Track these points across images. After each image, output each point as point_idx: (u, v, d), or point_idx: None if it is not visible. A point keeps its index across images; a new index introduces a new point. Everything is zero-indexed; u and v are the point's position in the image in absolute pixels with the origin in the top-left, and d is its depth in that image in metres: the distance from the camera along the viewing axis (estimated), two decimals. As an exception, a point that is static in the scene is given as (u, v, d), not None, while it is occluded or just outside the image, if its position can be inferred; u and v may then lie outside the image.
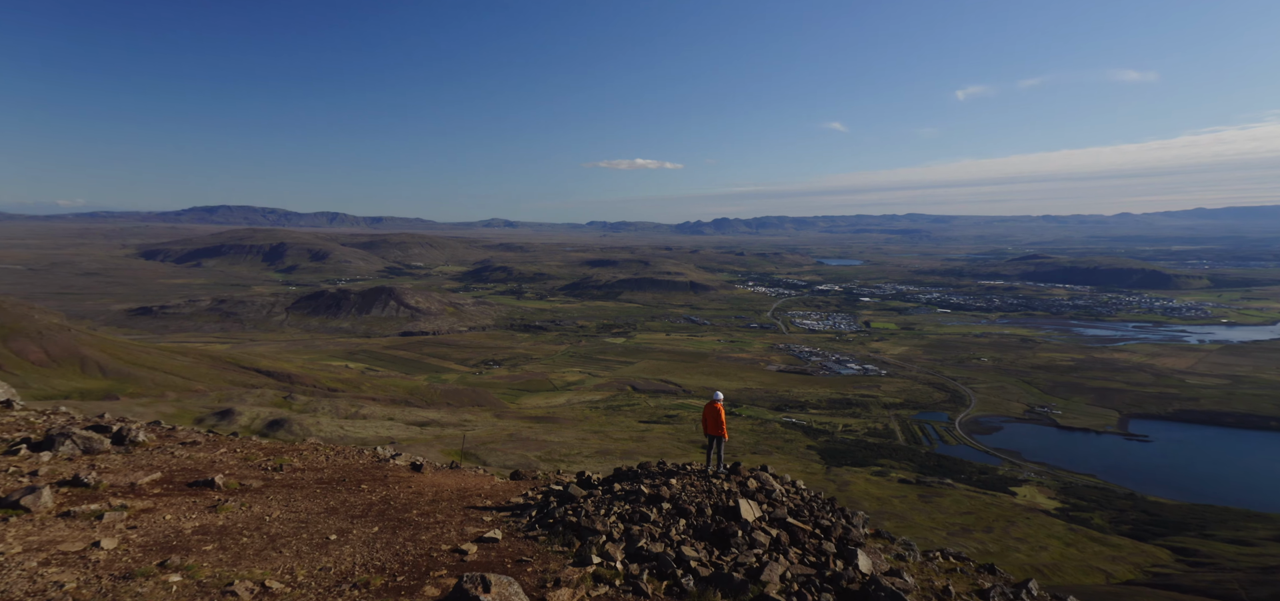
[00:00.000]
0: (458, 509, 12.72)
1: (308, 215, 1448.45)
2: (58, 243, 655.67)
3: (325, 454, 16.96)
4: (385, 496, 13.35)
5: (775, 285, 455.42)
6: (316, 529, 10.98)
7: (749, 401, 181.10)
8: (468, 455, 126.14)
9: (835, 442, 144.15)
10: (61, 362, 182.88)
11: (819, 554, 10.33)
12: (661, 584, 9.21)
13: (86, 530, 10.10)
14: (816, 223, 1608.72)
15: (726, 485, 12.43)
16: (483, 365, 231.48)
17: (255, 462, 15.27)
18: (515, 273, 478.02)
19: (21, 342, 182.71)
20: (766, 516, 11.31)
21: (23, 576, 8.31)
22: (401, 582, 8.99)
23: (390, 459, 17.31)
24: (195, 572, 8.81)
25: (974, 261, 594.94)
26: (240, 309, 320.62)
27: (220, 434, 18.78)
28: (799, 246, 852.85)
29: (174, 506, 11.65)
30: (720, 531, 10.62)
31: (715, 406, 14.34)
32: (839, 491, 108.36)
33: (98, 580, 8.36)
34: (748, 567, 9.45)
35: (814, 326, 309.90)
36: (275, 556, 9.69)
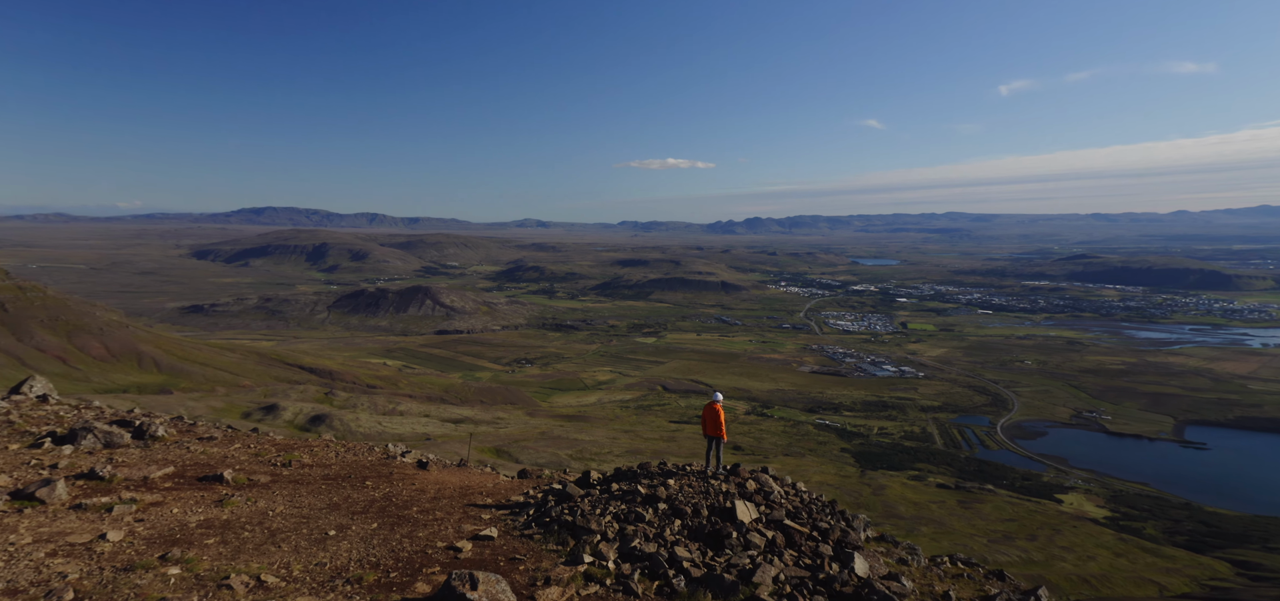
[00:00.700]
0: (457, 506, 12.70)
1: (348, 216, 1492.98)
2: (117, 243, 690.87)
3: (336, 450, 17.12)
4: (388, 493, 13.40)
5: (808, 285, 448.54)
6: (317, 524, 11.06)
7: (781, 403, 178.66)
8: (501, 452, 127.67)
9: (870, 445, 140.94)
10: (121, 358, 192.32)
11: (815, 556, 10.21)
12: (653, 584, 9.15)
13: (95, 522, 10.32)
14: (851, 222, 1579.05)
15: (724, 486, 12.34)
16: (515, 364, 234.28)
17: (266, 458, 15.46)
18: (547, 272, 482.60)
19: (84, 339, 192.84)
20: (763, 518, 11.18)
21: (29, 566, 8.51)
22: (394, 578, 9.03)
23: (399, 456, 17.41)
24: (194, 566, 8.94)
25: (1017, 261, 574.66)
26: (285, 307, 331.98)
27: (238, 429, 19.15)
28: (833, 246, 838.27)
29: (182, 500, 11.85)
30: (715, 532, 10.54)
31: (714, 407, 14.35)
32: (874, 495, 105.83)
33: (100, 571, 8.51)
34: (741, 569, 9.36)
35: (848, 327, 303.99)
36: (274, 551, 9.78)
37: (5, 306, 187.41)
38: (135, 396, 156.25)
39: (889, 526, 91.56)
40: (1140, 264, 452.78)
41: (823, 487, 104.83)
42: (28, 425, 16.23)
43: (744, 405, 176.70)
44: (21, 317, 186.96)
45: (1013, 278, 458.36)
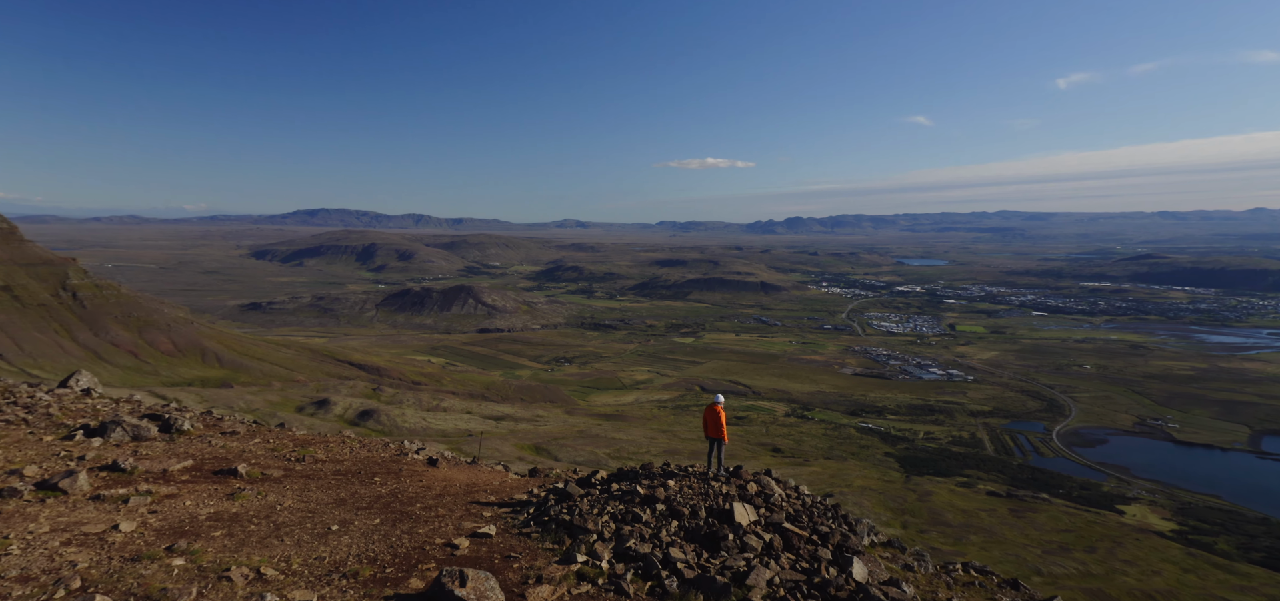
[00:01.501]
0: (460, 504, 12.76)
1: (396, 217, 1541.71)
2: (184, 243, 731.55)
3: (351, 446, 17.28)
4: (394, 490, 13.50)
5: (851, 286, 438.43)
6: (321, 519, 11.19)
7: (822, 405, 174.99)
8: (540, 450, 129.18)
9: (915, 450, 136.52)
10: (186, 353, 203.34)
11: (813, 560, 10.13)
12: (645, 584, 9.10)
13: (111, 513, 10.63)
14: (897, 221, 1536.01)
15: (724, 488, 12.32)
16: (554, 362, 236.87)
17: (282, 454, 15.71)
18: (586, 272, 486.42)
19: (154, 334, 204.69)
20: (762, 521, 11.10)
21: (43, 554, 8.82)
22: (389, 574, 9.13)
23: (413, 453, 17.61)
24: (198, 557, 9.13)
25: (1076, 261, 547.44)
26: (336, 305, 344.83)
27: (263, 425, 19.65)
28: (877, 246, 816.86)
29: (196, 493, 12.11)
30: (711, 534, 10.48)
31: (715, 409, 14.42)
32: (919, 502, 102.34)
33: (108, 560, 8.79)
34: (734, 571, 9.32)
35: (893, 329, 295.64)
36: (277, 544, 9.93)
37: (84, 303, 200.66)
38: (199, 389, 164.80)
39: (935, 534, 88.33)
40: (1212, 264, 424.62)
41: (865, 493, 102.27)
42: (65, 417, 16.83)
43: (784, 407, 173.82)
44: (98, 314, 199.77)
45: (1070, 278, 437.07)
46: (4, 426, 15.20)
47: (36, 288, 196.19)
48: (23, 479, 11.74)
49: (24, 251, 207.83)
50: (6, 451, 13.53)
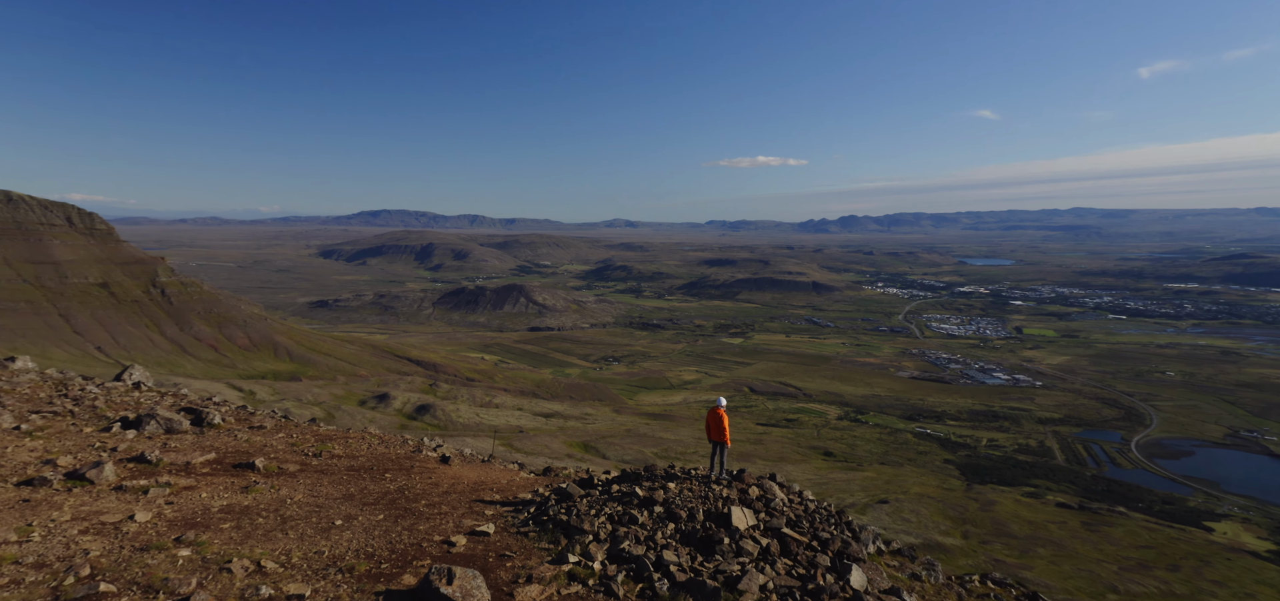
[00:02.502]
0: (464, 502, 12.80)
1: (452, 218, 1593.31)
2: (259, 243, 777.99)
3: (370, 443, 17.45)
4: (403, 486, 13.59)
5: (909, 286, 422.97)
6: (327, 514, 11.34)
7: (877, 409, 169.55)
8: (588, 448, 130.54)
9: (977, 457, 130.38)
10: (260, 347, 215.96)
11: (810, 566, 10.00)
12: (636, 586, 9.09)
13: (130, 503, 10.93)
14: (959, 219, 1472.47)
15: (725, 492, 12.25)
16: (603, 361, 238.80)
17: (302, 448, 15.89)
18: (635, 272, 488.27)
19: (232, 329, 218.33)
20: (761, 525, 11.08)
21: (61, 542, 9.14)
22: (384, 569, 9.23)
23: (428, 450, 17.67)
24: (204, 549, 9.36)
25: (1158, 261, 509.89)
26: (396, 303, 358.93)
27: (291, 419, 19.99)
28: (937, 245, 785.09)
29: (213, 485, 12.40)
30: (707, 537, 10.47)
31: (718, 412, 14.09)
32: (981, 511, 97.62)
33: (119, 549, 9.07)
34: (728, 575, 9.28)
35: (954, 331, 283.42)
36: (281, 537, 10.09)
37: (171, 299, 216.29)
38: (272, 382, 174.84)
39: (999, 546, 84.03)
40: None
41: (923, 500, 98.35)
42: (108, 409, 17.34)
43: (836, 410, 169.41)
44: (183, 309, 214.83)
45: (1152, 279, 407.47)
46: (52, 417, 15.85)
47: (130, 284, 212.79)
48: (56, 468, 12.19)
49: (120, 251, 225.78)
50: (47, 442, 14.10)
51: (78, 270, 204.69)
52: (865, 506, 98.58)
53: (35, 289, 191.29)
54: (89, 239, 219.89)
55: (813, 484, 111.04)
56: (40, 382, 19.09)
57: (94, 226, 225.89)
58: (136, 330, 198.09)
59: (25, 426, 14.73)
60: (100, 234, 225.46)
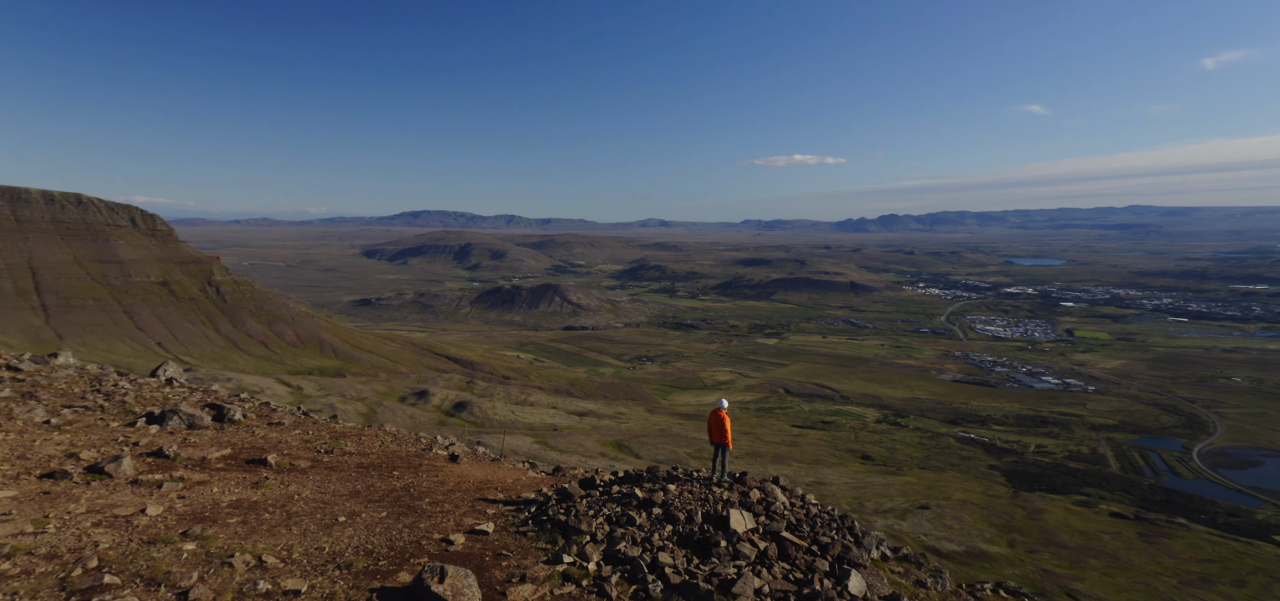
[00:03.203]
0: (468, 501, 12.85)
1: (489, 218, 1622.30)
2: (307, 243, 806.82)
3: (382, 440, 17.61)
4: (409, 484, 13.68)
5: (951, 287, 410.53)
6: (331, 510, 11.47)
7: (917, 412, 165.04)
8: (622, 447, 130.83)
9: (1024, 464, 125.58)
10: (307, 344, 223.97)
11: (808, 571, 10.00)
12: (630, 588, 9.14)
13: (143, 497, 11.14)
14: (1006, 218, 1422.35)
15: (725, 494, 12.27)
16: (636, 361, 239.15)
17: (315, 445, 16.08)
18: (669, 271, 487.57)
19: (281, 326, 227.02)
20: (760, 529, 11.08)
21: (73, 534, 9.35)
22: (382, 566, 9.31)
23: (442, 448, 17.74)
24: (209, 543, 9.52)
25: (1224, 261, 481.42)
26: (435, 302, 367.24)
27: (311, 415, 20.11)
28: (982, 244, 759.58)
29: (225, 480, 12.59)
30: (704, 540, 10.47)
31: (719, 414, 13.98)
32: (1029, 520, 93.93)
33: (128, 542, 9.26)
34: (722, 578, 9.31)
35: (999, 333, 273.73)
36: (284, 533, 10.23)
37: (225, 297, 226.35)
38: (318, 378, 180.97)
39: (1048, 555, 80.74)
40: None
41: (965, 507, 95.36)
42: (137, 405, 17.69)
43: (874, 413, 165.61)
44: (236, 307, 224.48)
45: (1217, 280, 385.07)
46: (83, 412, 16.33)
47: (188, 283, 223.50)
48: (78, 462, 12.46)
49: (178, 251, 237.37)
50: (74, 435, 14.47)
51: (140, 269, 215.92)
52: (905, 511, 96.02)
53: (102, 287, 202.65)
54: (150, 239, 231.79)
55: (850, 487, 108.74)
56: (76, 378, 19.79)
57: (155, 227, 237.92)
58: (193, 327, 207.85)
59: (55, 420, 15.17)
60: (161, 234, 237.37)
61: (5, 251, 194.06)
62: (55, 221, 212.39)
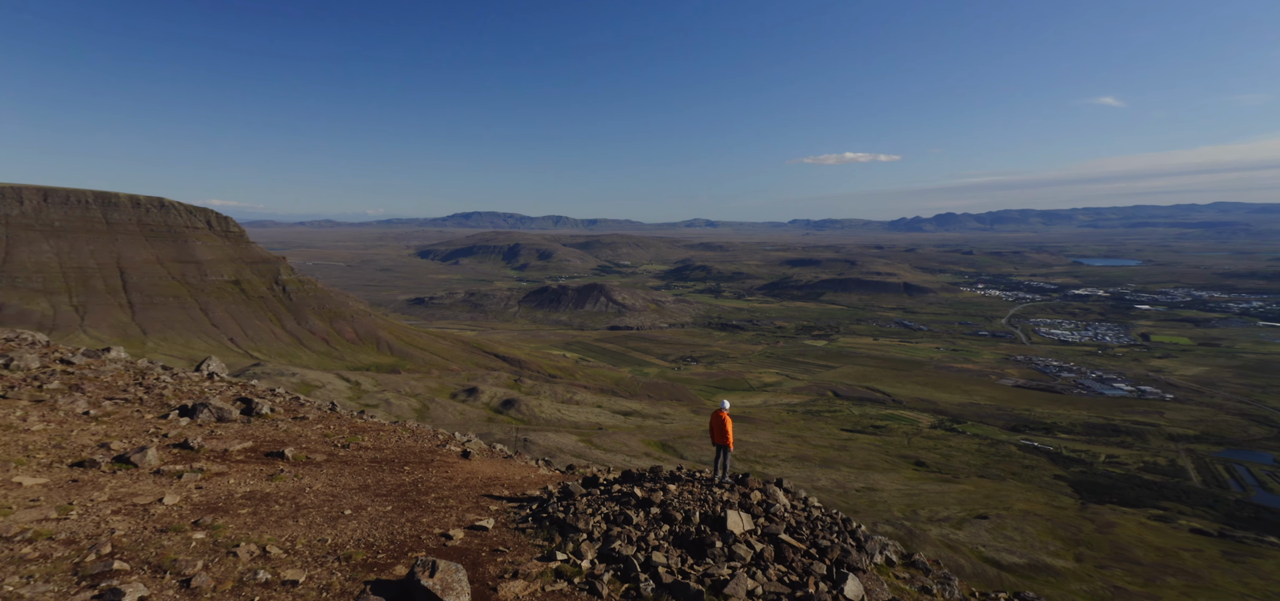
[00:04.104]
0: (473, 497, 12.91)
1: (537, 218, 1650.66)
2: (365, 244, 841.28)
3: (399, 436, 17.81)
4: (418, 479, 13.80)
5: (1014, 288, 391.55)
6: (339, 504, 11.63)
7: (975, 418, 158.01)
8: (666, 446, 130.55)
9: (1093, 475, 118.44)
10: (365, 341, 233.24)
11: (804, 573, 9.97)
12: (622, 586, 9.19)
13: (162, 487, 11.43)
14: (1074, 216, 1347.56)
15: (725, 495, 12.32)
16: (681, 361, 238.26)
17: (334, 439, 16.33)
18: (714, 272, 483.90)
19: (341, 324, 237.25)
20: (758, 530, 11.10)
21: (93, 521, 9.65)
22: (380, 559, 9.41)
23: (452, 445, 17.79)
24: (218, 533, 9.73)
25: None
26: (485, 301, 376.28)
27: (337, 411, 20.40)
28: (1048, 243, 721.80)
29: (242, 472, 12.87)
30: (700, 540, 10.49)
31: (721, 415, 14.04)
32: (1098, 533, 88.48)
33: (142, 530, 9.54)
34: (715, 579, 9.33)
35: (1066, 337, 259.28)
36: (291, 525, 10.39)
37: (290, 296, 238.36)
38: (374, 374, 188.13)
39: (1120, 571, 75.81)
40: None
41: (1028, 518, 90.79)
42: (173, 398, 18.24)
43: (929, 418, 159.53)
44: (300, 305, 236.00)
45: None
46: (122, 404, 16.96)
47: (257, 282, 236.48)
48: (108, 451, 12.90)
49: (249, 251, 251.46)
50: (109, 426, 15.01)
51: (215, 268, 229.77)
52: (961, 521, 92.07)
53: (181, 285, 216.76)
54: (224, 240, 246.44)
55: (902, 495, 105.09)
56: (122, 372, 20.55)
57: (228, 229, 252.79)
58: (262, 323, 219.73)
59: (94, 411, 15.79)
60: (233, 236, 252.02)
61: (98, 252, 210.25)
62: (140, 224, 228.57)
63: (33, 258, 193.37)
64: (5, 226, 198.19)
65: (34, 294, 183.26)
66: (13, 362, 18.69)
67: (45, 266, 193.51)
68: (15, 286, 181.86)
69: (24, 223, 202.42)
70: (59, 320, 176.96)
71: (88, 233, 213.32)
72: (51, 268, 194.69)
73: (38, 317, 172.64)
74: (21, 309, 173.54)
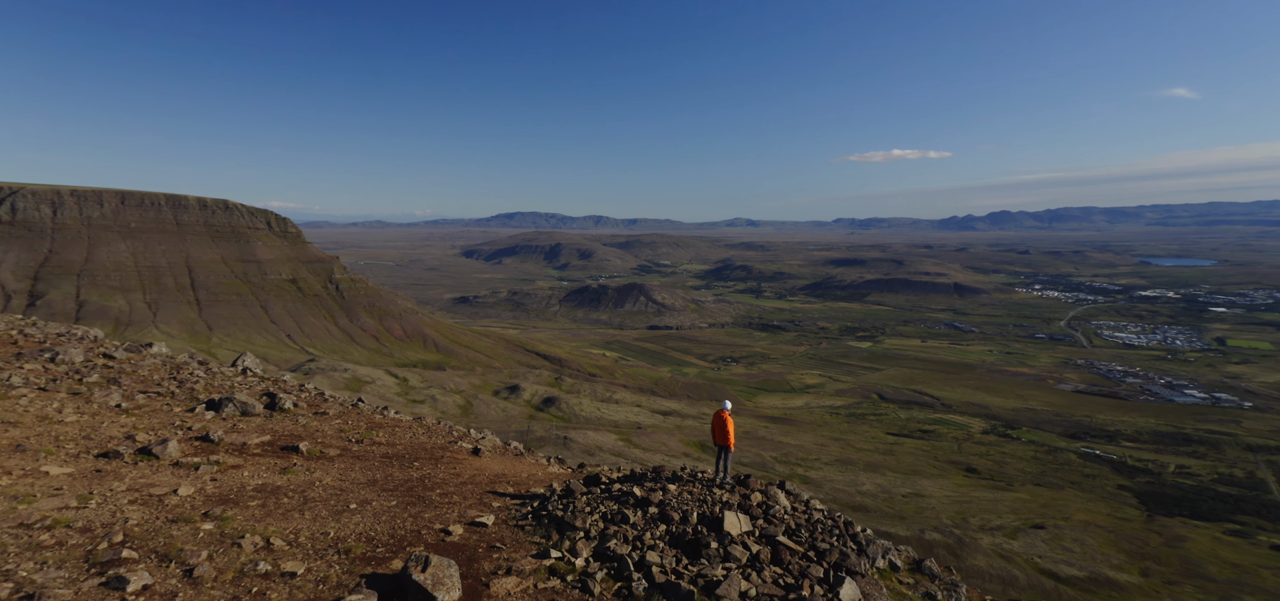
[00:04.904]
0: (478, 493, 12.93)
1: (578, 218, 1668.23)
2: (413, 244, 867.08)
3: (413, 432, 17.88)
4: (426, 475, 13.85)
5: (1074, 289, 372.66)
6: (346, 498, 11.75)
7: (1031, 424, 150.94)
8: (705, 446, 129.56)
9: (1161, 486, 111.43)
10: (412, 339, 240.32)
11: (800, 576, 9.95)
12: (614, 585, 9.24)
13: (179, 479, 11.68)
14: (1141, 213, 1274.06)
15: (724, 496, 12.31)
16: (721, 361, 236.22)
17: (349, 434, 16.54)
18: (755, 271, 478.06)
19: (390, 322, 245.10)
20: (757, 532, 11.12)
21: (109, 510, 9.90)
22: (379, 553, 9.52)
23: (462, 441, 17.74)
24: (226, 524, 9.89)
25: None
26: (527, 300, 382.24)
27: (359, 406, 20.67)
28: (1112, 242, 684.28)
29: (257, 465, 13.06)
30: (696, 541, 10.53)
31: (722, 416, 13.96)
32: (1167, 547, 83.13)
33: (155, 519, 9.75)
34: (708, 580, 9.39)
35: (1131, 340, 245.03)
36: (297, 518, 10.53)
37: (343, 294, 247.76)
38: (422, 371, 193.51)
39: (1190, 589, 71.05)
40: None
41: (1089, 529, 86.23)
42: (203, 392, 18.68)
43: (980, 423, 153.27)
44: (352, 303, 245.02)
45: None
46: (154, 398, 17.47)
47: (313, 281, 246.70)
48: (133, 443, 13.27)
49: (305, 251, 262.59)
50: (138, 419, 15.46)
51: (274, 268, 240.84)
52: (1016, 530, 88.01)
53: (243, 284, 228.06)
54: (283, 241, 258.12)
55: (951, 501, 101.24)
56: (159, 366, 21.24)
57: (286, 230, 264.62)
58: (317, 321, 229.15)
59: (126, 404, 16.30)
60: (291, 236, 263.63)
61: (169, 251, 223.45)
62: (207, 225, 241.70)
63: (111, 257, 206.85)
64: (88, 228, 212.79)
65: (112, 291, 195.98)
66: (59, 357, 19.59)
67: (122, 265, 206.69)
68: (96, 284, 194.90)
69: (104, 224, 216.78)
70: (134, 316, 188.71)
71: (160, 233, 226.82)
72: (128, 267, 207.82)
73: (115, 314, 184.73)
74: (101, 306, 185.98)
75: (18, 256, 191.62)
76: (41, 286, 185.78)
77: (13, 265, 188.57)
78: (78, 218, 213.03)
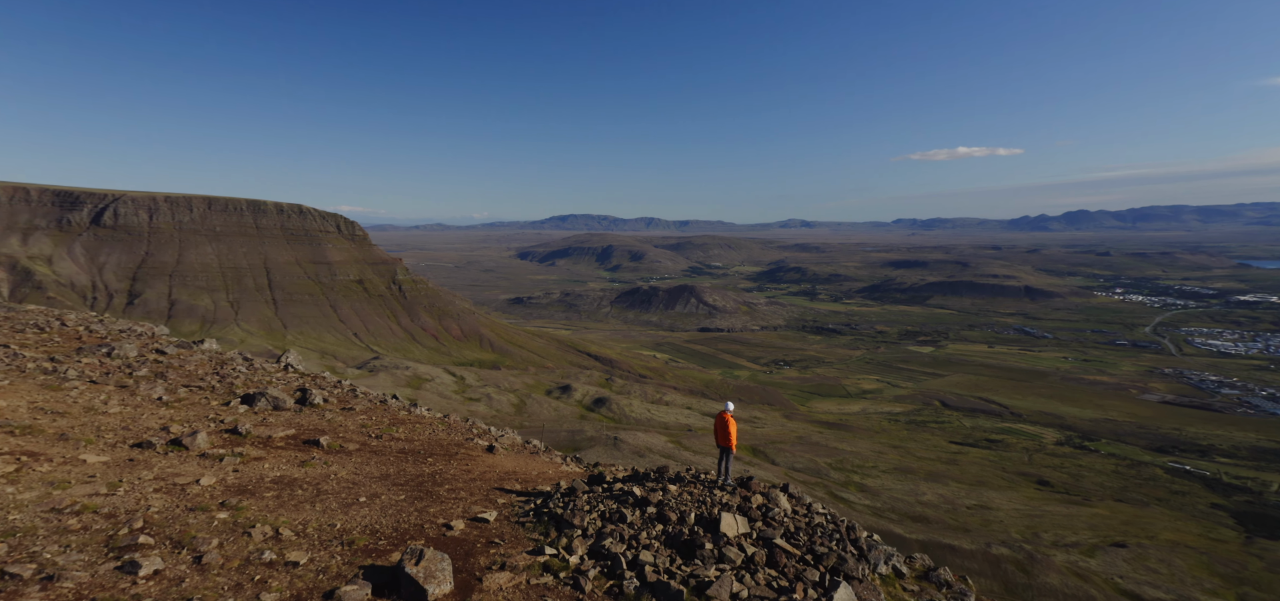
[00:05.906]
0: (484, 490, 12.96)
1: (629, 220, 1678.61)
2: (471, 246, 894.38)
3: (432, 429, 17.98)
4: (437, 471, 13.91)
5: (1161, 293, 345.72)
6: (356, 491, 11.88)
7: (1111, 436, 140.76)
8: (757, 452, 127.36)
9: (1263, 505, 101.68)
10: (469, 338, 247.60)
11: (794, 579, 9.94)
12: (606, 583, 9.29)
13: (202, 469, 11.97)
14: (1240, 212, 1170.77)
15: (724, 498, 12.33)
16: (773, 365, 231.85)
17: (370, 430, 16.76)
18: (809, 273, 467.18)
19: (448, 322, 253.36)
20: (754, 534, 11.17)
21: (135, 497, 10.24)
22: (381, 545, 9.66)
23: (489, 438, 17.68)
24: (240, 514, 10.10)
25: None
26: (579, 301, 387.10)
27: (388, 404, 20.86)
28: (1205, 243, 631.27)
29: (278, 458, 13.32)
30: (691, 541, 10.57)
31: (724, 417, 13.88)
32: (1268, 572, 75.66)
33: (175, 507, 10.05)
34: (700, 580, 9.44)
35: (1228, 348, 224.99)
36: (308, 510, 10.70)
37: (405, 294, 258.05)
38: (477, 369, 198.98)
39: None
40: None
41: (1178, 549, 79.79)
42: (240, 386, 19.12)
43: (1054, 434, 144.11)
44: (413, 303, 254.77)
45: None
46: (196, 391, 18.20)
47: (378, 281, 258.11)
48: (167, 434, 13.79)
49: (371, 253, 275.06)
50: (176, 411, 16.08)
51: (343, 269, 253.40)
52: (1093, 548, 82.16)
53: (314, 284, 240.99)
54: (350, 243, 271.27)
55: (1021, 515, 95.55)
56: (205, 361, 22.15)
57: (354, 233, 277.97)
58: (381, 320, 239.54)
59: (168, 398, 16.97)
60: (358, 239, 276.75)
61: (249, 253, 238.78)
62: (283, 228, 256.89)
63: (199, 259, 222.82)
64: (179, 232, 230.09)
65: (199, 291, 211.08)
66: (114, 352, 20.68)
67: (208, 267, 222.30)
68: (185, 284, 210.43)
69: (193, 228, 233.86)
70: (218, 315, 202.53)
71: (241, 236, 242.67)
72: (213, 268, 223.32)
73: (202, 312, 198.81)
74: (190, 304, 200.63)
75: (119, 259, 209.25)
76: (139, 286, 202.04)
77: (115, 266, 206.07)
78: (170, 222, 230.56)
